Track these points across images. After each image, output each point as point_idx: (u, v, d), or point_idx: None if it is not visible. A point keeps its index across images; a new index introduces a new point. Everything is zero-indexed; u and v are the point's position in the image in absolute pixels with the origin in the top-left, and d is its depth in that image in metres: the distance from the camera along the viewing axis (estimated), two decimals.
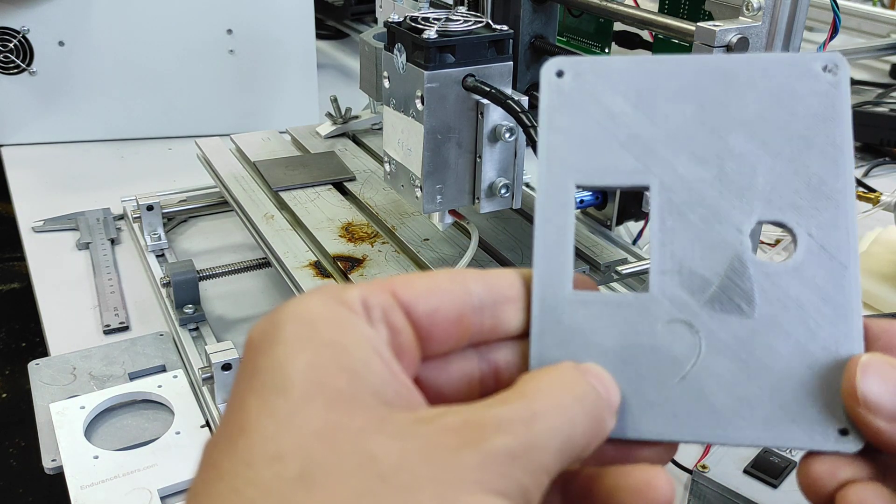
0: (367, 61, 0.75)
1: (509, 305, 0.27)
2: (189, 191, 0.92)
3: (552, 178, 0.27)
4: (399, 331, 0.25)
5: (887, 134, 1.11)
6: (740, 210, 0.27)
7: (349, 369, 0.23)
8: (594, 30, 0.70)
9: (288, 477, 0.21)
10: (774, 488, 0.49)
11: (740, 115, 0.27)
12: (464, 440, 0.22)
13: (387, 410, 0.23)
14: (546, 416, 0.23)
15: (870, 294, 0.77)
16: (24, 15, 1.03)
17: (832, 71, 0.26)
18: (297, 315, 0.24)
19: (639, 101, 0.27)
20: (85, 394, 0.62)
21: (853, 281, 0.26)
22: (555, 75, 0.28)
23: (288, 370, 0.23)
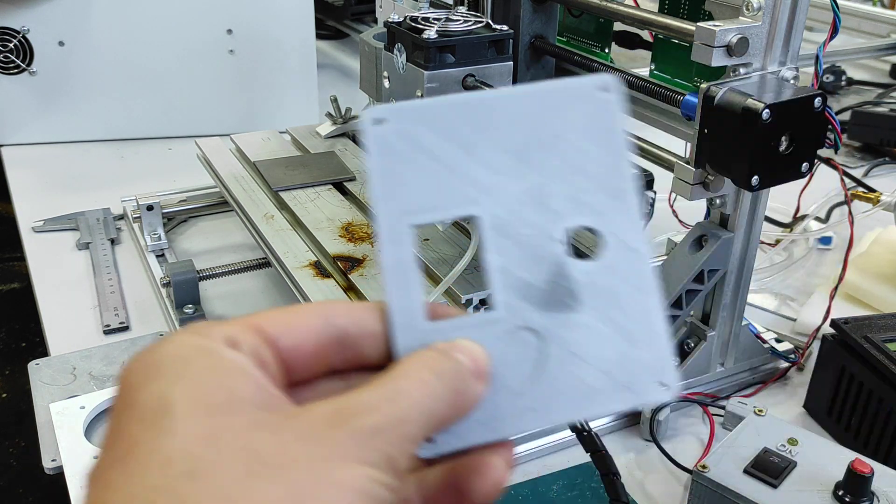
0: (367, 61, 0.75)
1: (371, 339, 0.29)
2: (189, 191, 0.92)
3: (389, 222, 0.29)
4: (266, 363, 0.27)
5: (887, 134, 1.11)
6: (554, 222, 0.30)
7: (224, 386, 0.25)
8: (594, 30, 0.70)
9: (177, 474, 0.23)
10: (774, 488, 0.49)
11: (539, 137, 0.30)
12: (334, 423, 0.25)
13: (264, 413, 0.25)
14: (408, 393, 0.26)
15: (870, 294, 0.77)
16: (24, 15, 1.03)
17: (607, 90, 0.31)
18: (168, 353, 0.26)
19: (454, 137, 0.30)
20: (85, 394, 0.62)
21: (648, 263, 0.30)
22: (374, 124, 0.30)
23: (168, 397, 0.25)
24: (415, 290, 0.29)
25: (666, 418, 0.61)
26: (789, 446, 0.52)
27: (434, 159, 0.30)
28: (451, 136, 0.30)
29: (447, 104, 0.30)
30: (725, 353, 0.65)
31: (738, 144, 0.51)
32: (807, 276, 0.85)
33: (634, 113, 0.64)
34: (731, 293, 0.62)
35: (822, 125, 0.53)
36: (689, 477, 0.57)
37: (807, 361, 0.70)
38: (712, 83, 0.52)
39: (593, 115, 0.30)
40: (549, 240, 0.30)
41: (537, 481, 0.56)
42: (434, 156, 0.30)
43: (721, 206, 0.58)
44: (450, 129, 0.30)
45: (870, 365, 0.58)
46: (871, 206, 0.86)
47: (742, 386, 0.67)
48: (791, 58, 0.54)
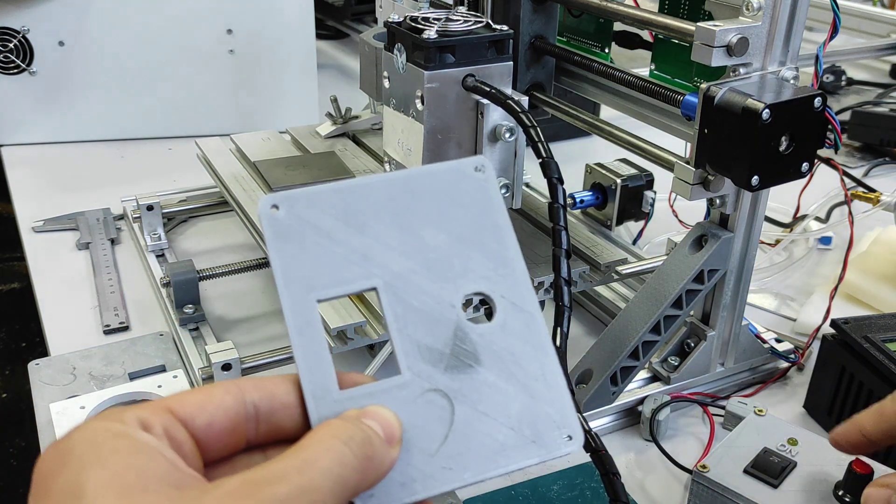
0: (367, 61, 0.75)
1: (286, 410, 0.30)
2: (189, 191, 0.92)
3: (293, 300, 0.31)
4: (180, 443, 0.28)
5: (887, 134, 1.11)
6: (448, 289, 0.32)
7: (135, 467, 0.26)
8: (594, 30, 0.70)
9: None
10: (774, 488, 0.49)
11: (426, 215, 0.33)
12: (244, 495, 0.25)
13: (176, 492, 0.26)
14: (316, 462, 0.27)
15: (870, 294, 0.77)
16: (24, 15, 1.03)
17: (481, 170, 0.34)
18: (80, 439, 0.27)
19: (347, 219, 0.32)
20: (85, 394, 0.62)
21: (540, 323, 0.33)
22: (270, 209, 0.32)
23: (80, 481, 0.25)
24: (326, 362, 0.30)
25: (666, 418, 0.61)
26: (789, 446, 0.52)
27: (329, 240, 0.32)
28: (344, 218, 0.32)
29: (338, 189, 0.33)
30: (725, 353, 0.65)
31: (738, 144, 0.51)
32: (807, 276, 0.85)
33: (634, 113, 0.64)
34: (731, 293, 0.62)
35: (822, 125, 0.53)
36: (689, 477, 0.57)
37: (807, 361, 0.70)
38: (712, 83, 0.52)
39: (473, 193, 0.34)
40: (445, 306, 0.32)
41: (537, 481, 0.56)
42: (329, 237, 0.32)
43: (721, 206, 0.58)
44: (342, 212, 0.32)
45: (870, 365, 0.58)
46: (871, 206, 0.86)
47: (742, 386, 0.67)
48: (791, 58, 0.54)
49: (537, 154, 0.52)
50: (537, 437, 0.31)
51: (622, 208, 0.80)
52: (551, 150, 0.52)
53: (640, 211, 0.81)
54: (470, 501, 0.55)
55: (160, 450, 0.27)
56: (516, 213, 0.70)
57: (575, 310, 0.77)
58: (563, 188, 0.52)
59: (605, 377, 0.60)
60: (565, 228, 0.52)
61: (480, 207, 0.34)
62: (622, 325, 0.61)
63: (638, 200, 0.81)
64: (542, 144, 0.51)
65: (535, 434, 0.31)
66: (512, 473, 0.57)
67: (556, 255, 0.52)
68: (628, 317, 0.61)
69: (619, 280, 0.68)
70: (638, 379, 0.64)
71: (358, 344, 0.54)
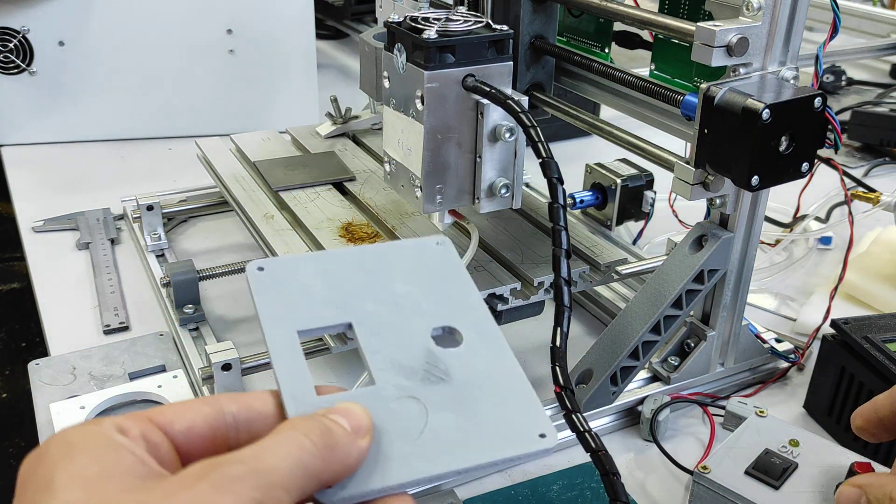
0: (367, 61, 0.75)
1: (263, 421, 0.32)
2: (189, 191, 0.92)
3: (275, 332, 0.35)
4: (157, 445, 0.30)
5: (887, 134, 1.11)
6: (418, 325, 0.37)
7: (102, 461, 0.28)
8: (594, 30, 0.70)
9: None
10: (776, 490, 0.49)
11: (395, 273, 0.39)
12: (200, 475, 0.27)
13: (140, 481, 0.28)
14: (275, 448, 0.29)
15: (870, 294, 0.77)
16: (24, 15, 1.03)
17: (442, 245, 0.41)
18: (56, 440, 0.29)
19: (325, 277, 0.38)
20: (85, 394, 0.62)
21: (504, 344, 0.37)
22: (256, 269, 0.37)
23: (51, 475, 0.28)
24: (304, 373, 0.34)
25: (666, 418, 0.61)
26: (790, 447, 0.52)
27: (308, 290, 0.37)
28: (322, 276, 0.38)
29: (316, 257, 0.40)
30: (725, 353, 0.65)
31: (738, 144, 0.51)
32: (807, 276, 0.85)
33: (634, 113, 0.64)
34: (731, 293, 0.62)
35: (822, 125, 0.53)
36: (689, 477, 0.57)
37: (807, 361, 0.70)
38: (712, 83, 0.52)
39: (436, 258, 0.40)
40: (416, 336, 0.37)
41: (537, 481, 0.56)
42: (307, 288, 0.37)
43: (721, 206, 0.58)
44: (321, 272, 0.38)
45: (870, 365, 0.58)
46: (871, 206, 0.86)
47: (742, 386, 0.67)
48: (791, 58, 0.54)
49: (537, 154, 0.52)
50: (510, 434, 0.34)
51: (622, 208, 0.80)
52: (551, 150, 0.52)
53: (640, 211, 0.81)
54: (470, 501, 0.55)
55: (131, 448, 0.29)
56: (516, 213, 0.70)
57: (575, 310, 0.77)
58: (563, 188, 0.52)
59: (605, 377, 0.60)
60: (565, 228, 0.52)
61: (443, 267, 0.40)
62: (622, 325, 0.61)
63: (638, 200, 0.81)
64: (542, 144, 0.51)
65: (507, 432, 0.34)
66: (512, 474, 0.57)
67: (556, 255, 0.52)
68: (628, 317, 0.61)
69: (619, 280, 0.68)
70: (638, 379, 0.64)
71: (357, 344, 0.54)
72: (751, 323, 0.67)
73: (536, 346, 0.72)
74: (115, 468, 0.28)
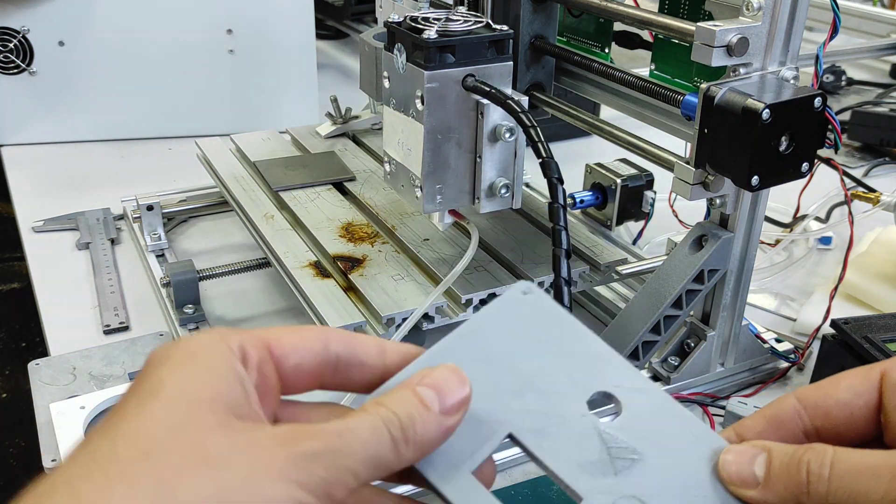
0: (367, 61, 0.75)
1: (361, 369, 0.34)
2: (189, 191, 0.92)
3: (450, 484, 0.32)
4: (266, 377, 0.32)
5: (887, 134, 1.11)
6: (571, 402, 0.33)
7: (213, 388, 0.30)
8: (594, 30, 0.70)
9: (136, 452, 0.27)
10: None
11: (509, 352, 0.34)
12: (281, 442, 0.28)
13: (233, 419, 0.29)
14: (356, 432, 0.30)
15: (870, 294, 0.77)
16: (24, 15, 1.03)
17: (528, 292, 0.36)
18: (185, 346, 0.31)
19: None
20: (85, 394, 0.62)
21: (660, 394, 0.34)
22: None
23: (164, 381, 0.29)
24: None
25: None
26: None
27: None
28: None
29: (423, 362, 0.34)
30: (725, 353, 0.65)
31: (738, 144, 0.51)
32: (807, 276, 0.85)
33: (634, 113, 0.64)
34: (731, 293, 0.62)
35: (822, 125, 0.53)
36: None
37: (807, 361, 0.70)
38: (712, 83, 0.52)
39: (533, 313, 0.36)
40: (577, 418, 0.33)
41: (537, 481, 0.56)
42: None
43: (721, 206, 0.58)
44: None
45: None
46: (871, 206, 0.86)
47: (742, 386, 0.67)
48: (791, 58, 0.54)
49: (537, 154, 0.52)
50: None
51: (622, 208, 0.80)
52: (551, 150, 0.52)
53: (640, 211, 0.81)
54: None
55: (243, 383, 0.30)
56: (516, 213, 0.70)
57: (575, 310, 0.77)
58: (563, 188, 0.52)
59: None
60: (565, 228, 0.52)
61: (547, 322, 0.36)
62: (622, 325, 0.61)
63: (638, 200, 0.81)
64: (542, 144, 0.51)
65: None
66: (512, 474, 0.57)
67: (556, 255, 0.52)
68: (628, 317, 0.61)
69: (619, 280, 0.68)
70: None
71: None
72: (751, 323, 0.67)
73: None
74: (223, 401, 0.29)
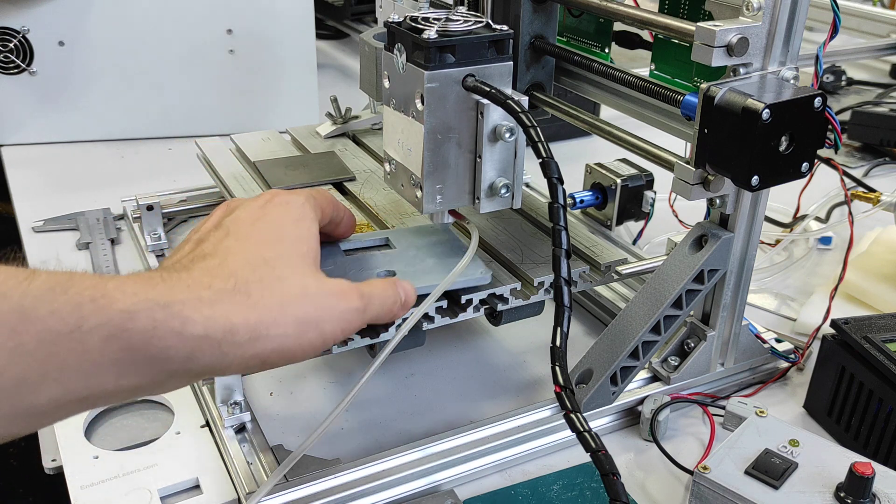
0: (367, 61, 0.75)
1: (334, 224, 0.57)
2: (189, 191, 0.92)
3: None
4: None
5: (887, 134, 1.11)
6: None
7: (311, 247, 0.48)
8: (594, 30, 0.70)
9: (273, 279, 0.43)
10: (776, 489, 0.49)
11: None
12: (340, 292, 0.46)
13: (316, 270, 0.47)
14: (377, 297, 0.49)
15: (870, 294, 0.77)
16: (24, 15, 1.03)
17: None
18: (297, 209, 0.49)
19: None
20: None
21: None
22: None
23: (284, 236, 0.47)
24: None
25: (666, 418, 0.61)
26: (790, 447, 0.52)
27: None
28: None
29: None
30: (725, 353, 0.65)
31: (738, 144, 0.51)
32: (807, 276, 0.85)
33: (634, 113, 0.64)
34: (731, 293, 0.62)
35: (822, 125, 0.53)
36: (689, 477, 0.57)
37: (807, 361, 0.70)
38: (712, 83, 0.52)
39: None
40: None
41: (537, 481, 0.56)
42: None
43: (721, 206, 0.58)
44: None
45: (870, 365, 0.58)
46: (871, 206, 0.86)
47: (742, 386, 0.67)
48: (791, 58, 0.54)
49: (537, 154, 0.52)
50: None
51: (622, 208, 0.80)
52: (551, 150, 0.52)
53: (640, 211, 0.81)
54: (470, 502, 0.55)
55: (316, 238, 0.49)
56: (516, 213, 0.70)
57: (575, 310, 0.77)
58: (563, 188, 0.52)
59: (605, 377, 0.60)
60: (565, 228, 0.52)
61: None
62: (622, 325, 0.61)
63: (638, 200, 0.81)
64: (542, 144, 0.51)
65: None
66: (512, 474, 0.57)
67: (556, 255, 0.52)
68: (628, 317, 0.61)
69: (619, 280, 0.68)
70: (638, 379, 0.64)
71: (358, 344, 0.54)
72: (751, 323, 0.67)
73: (536, 346, 0.72)
74: (312, 255, 0.47)
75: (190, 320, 0.38)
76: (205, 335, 0.38)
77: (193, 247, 0.45)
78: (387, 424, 0.62)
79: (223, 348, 0.39)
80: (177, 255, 0.45)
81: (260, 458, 0.55)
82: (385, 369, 0.66)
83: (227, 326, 0.39)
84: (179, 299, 0.38)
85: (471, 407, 0.65)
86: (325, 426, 0.51)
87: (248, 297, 0.41)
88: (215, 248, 0.44)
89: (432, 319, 0.57)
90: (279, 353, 0.41)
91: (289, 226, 0.47)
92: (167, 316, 0.37)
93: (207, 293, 0.39)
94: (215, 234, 0.45)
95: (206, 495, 0.54)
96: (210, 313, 0.39)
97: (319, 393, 0.66)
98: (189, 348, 0.38)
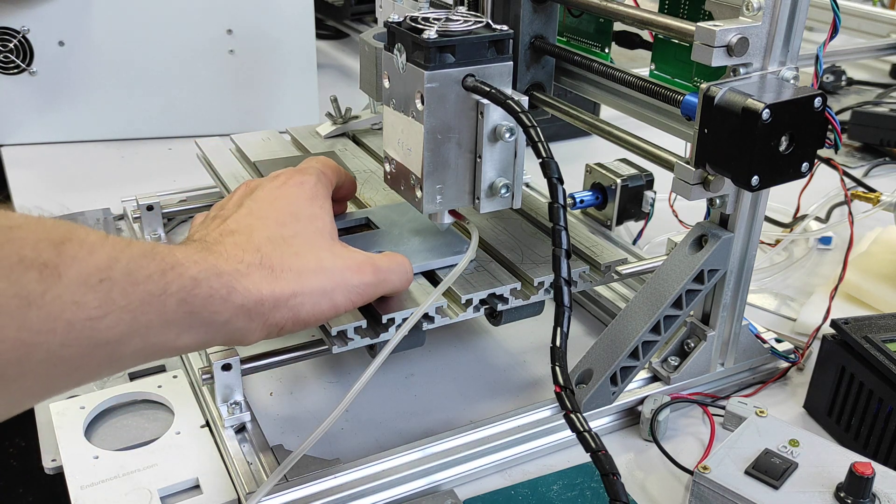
0: (367, 61, 0.75)
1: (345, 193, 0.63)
2: (189, 191, 0.92)
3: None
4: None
5: (887, 134, 1.11)
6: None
7: (326, 222, 0.53)
8: (594, 30, 0.70)
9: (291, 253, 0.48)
10: (776, 490, 0.49)
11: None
12: (355, 266, 0.51)
13: (333, 242, 0.52)
14: (393, 272, 0.53)
15: (869, 294, 0.77)
16: (24, 15, 1.03)
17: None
18: (311, 188, 0.54)
19: None
20: (85, 394, 0.62)
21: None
22: None
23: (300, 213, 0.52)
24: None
25: (666, 418, 0.61)
26: (790, 447, 0.52)
27: None
28: None
29: None
30: (725, 353, 0.65)
31: (738, 144, 0.51)
32: (807, 276, 0.85)
33: (634, 113, 0.64)
34: (731, 293, 0.62)
35: (822, 125, 0.53)
36: (689, 477, 0.57)
37: (807, 361, 0.70)
38: (712, 83, 0.52)
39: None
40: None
41: (537, 481, 0.56)
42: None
43: (721, 206, 0.58)
44: None
45: (870, 365, 0.58)
46: (871, 206, 0.86)
47: (742, 386, 0.67)
48: (791, 58, 0.54)
49: (537, 154, 0.52)
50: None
51: (622, 208, 0.80)
52: (551, 150, 0.52)
53: (640, 211, 0.81)
54: (470, 502, 0.55)
55: (330, 212, 0.54)
56: (516, 213, 0.70)
57: (575, 310, 0.77)
58: (563, 188, 0.52)
59: (605, 377, 0.60)
60: (565, 228, 0.52)
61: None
62: (622, 325, 0.61)
63: (638, 200, 0.81)
64: (542, 144, 0.51)
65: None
66: (512, 474, 0.57)
67: (556, 255, 0.52)
68: (628, 317, 0.61)
69: (619, 280, 0.68)
70: (638, 379, 0.64)
71: (358, 344, 0.54)
72: (751, 323, 0.67)
73: (536, 346, 0.72)
74: (328, 230, 0.52)
75: (234, 290, 0.43)
76: (242, 304, 0.43)
77: (220, 223, 0.50)
78: (387, 424, 0.62)
79: (251, 316, 0.44)
80: (204, 229, 0.50)
81: (260, 458, 0.55)
82: (385, 369, 0.66)
83: (257, 297, 0.44)
84: (227, 270, 0.43)
85: (471, 407, 0.65)
86: (326, 426, 0.51)
87: (271, 270, 0.46)
88: (239, 224, 0.49)
89: (432, 319, 0.57)
90: (294, 321, 0.47)
91: (304, 205, 0.52)
92: (220, 285, 0.42)
93: (242, 266, 0.45)
94: (238, 213, 0.51)
95: (206, 495, 0.54)
96: (247, 284, 0.44)
97: (319, 393, 0.66)
98: (229, 314, 0.43)
